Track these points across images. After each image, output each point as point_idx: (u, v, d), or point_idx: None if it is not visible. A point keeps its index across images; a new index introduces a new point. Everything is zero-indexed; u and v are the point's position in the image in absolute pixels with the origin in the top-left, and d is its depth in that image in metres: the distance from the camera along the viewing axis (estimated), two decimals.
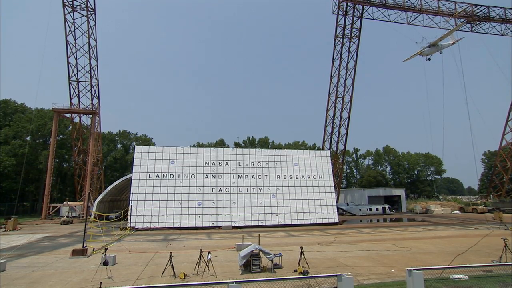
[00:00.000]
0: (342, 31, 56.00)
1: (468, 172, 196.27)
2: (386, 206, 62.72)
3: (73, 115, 56.86)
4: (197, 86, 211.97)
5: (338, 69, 57.51)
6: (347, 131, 58.70)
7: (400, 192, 72.69)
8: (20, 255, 21.57)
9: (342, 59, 57.10)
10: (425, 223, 43.51)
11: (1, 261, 17.29)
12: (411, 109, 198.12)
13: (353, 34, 55.73)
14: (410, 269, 6.07)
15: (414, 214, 62.07)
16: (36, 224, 44.38)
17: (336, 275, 5.44)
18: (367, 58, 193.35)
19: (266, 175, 42.68)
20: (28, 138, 68.19)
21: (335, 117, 58.75)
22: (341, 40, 56.53)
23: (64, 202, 55.76)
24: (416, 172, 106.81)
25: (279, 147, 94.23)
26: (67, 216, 48.60)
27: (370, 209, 61.26)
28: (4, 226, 36.64)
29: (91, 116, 55.86)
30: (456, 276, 12.66)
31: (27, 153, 59.98)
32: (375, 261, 18.83)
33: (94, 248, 22.29)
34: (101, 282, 13.67)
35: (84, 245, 21.60)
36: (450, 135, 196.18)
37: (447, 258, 18.52)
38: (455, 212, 63.56)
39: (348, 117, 58.22)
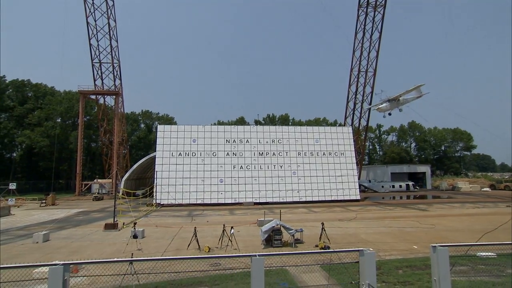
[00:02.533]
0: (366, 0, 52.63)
1: (501, 148, 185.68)
2: (410, 183, 61.31)
3: (97, 96, 58.63)
4: (216, 64, 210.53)
5: (361, 41, 54.70)
6: (369, 106, 56.69)
7: (425, 169, 70.55)
8: (60, 227, 23.38)
9: (365, 30, 54.06)
10: (451, 200, 42.30)
11: (45, 232, 18.95)
12: (439, 82, 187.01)
13: (378, 3, 52.26)
14: (435, 245, 5.91)
15: (439, 191, 60.38)
16: (71, 200, 47.57)
17: (358, 250, 5.41)
18: (392, 28, 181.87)
19: (286, 152, 42.66)
20: (58, 120, 71.65)
21: (358, 92, 56.66)
22: (365, 10, 53.23)
23: (95, 180, 59.00)
24: (443, 148, 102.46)
25: (300, 124, 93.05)
26: (98, 193, 51.60)
27: (393, 186, 60.18)
28: (44, 201, 39.91)
29: (114, 97, 57.38)
30: (483, 253, 12.35)
31: (58, 134, 63.25)
32: (397, 238, 18.70)
33: (124, 223, 23.64)
34: (132, 253, 14.59)
35: (115, 220, 22.97)
36: (482, 107, 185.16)
37: (474, 236, 17.98)
38: (485, 189, 61.11)
39: (372, 92, 55.93)
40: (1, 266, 5.40)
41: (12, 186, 39.68)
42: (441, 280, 5.54)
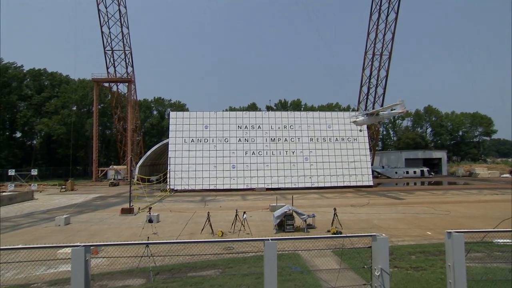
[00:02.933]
0: None
1: None
2: (425, 169, 60.23)
3: (111, 84, 59.35)
4: (227, 50, 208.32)
5: (376, 23, 52.68)
6: (384, 91, 55.14)
7: (441, 154, 68.95)
8: (80, 211, 24.34)
9: (381, 11, 51.99)
10: (468, 187, 41.38)
11: (66, 216, 19.82)
12: (458, 63, 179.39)
13: None
14: (450, 231, 5.81)
15: (456, 178, 59.11)
16: (88, 186, 49.19)
17: (371, 235, 5.38)
18: (409, 8, 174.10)
19: (298, 138, 42.45)
20: (74, 108, 73.24)
21: (372, 76, 55.11)
22: None
23: (110, 166, 60.61)
24: (460, 133, 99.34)
25: (312, 109, 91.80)
26: (114, 179, 53.06)
27: (407, 172, 59.29)
28: (64, 187, 41.50)
29: (127, 84, 57.94)
30: (500, 240, 12.10)
31: (74, 122, 64.82)
32: (410, 224, 18.56)
33: (139, 208, 24.35)
34: (148, 237, 15.09)
35: (131, 205, 23.68)
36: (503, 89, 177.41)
37: (491, 223, 17.65)
38: (504, 175, 59.35)
39: (386, 76, 54.31)
40: (29, 246, 5.75)
41: (34, 172, 41.40)
42: (456, 266, 5.47)
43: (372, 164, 51.42)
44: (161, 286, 9.49)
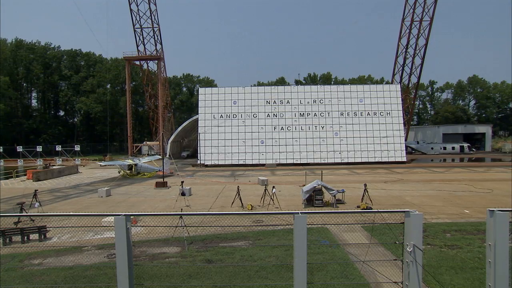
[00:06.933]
0: None
1: None
2: (465, 145, 56.55)
3: (141, 62, 60.71)
4: (255, 24, 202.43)
5: None
6: (422, 61, 51.13)
7: (485, 129, 64.04)
8: (119, 184, 26.10)
9: None
10: None
11: (107, 188, 21.37)
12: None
13: None
14: (493, 210, 5.42)
15: (501, 154, 55.01)
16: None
17: (404, 211, 5.19)
18: None
19: (328, 113, 41.35)
20: (108, 86, 76.59)
21: (409, 46, 51.14)
22: None
23: (144, 142, 63.57)
24: (511, 105, 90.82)
25: (343, 82, 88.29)
26: (148, 154, 55.78)
27: (445, 148, 56.11)
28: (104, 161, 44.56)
29: (156, 62, 58.94)
30: None
31: (109, 100, 68.02)
32: (446, 201, 17.78)
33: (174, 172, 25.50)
34: (181, 209, 15.91)
35: (164, 179, 24.88)
36: None
37: None
38: None
39: (426, 44, 50.06)
40: (78, 214, 6.36)
41: (77, 148, 44.84)
42: (497, 246, 5.18)
43: (406, 140, 49.19)
44: (195, 254, 10.07)
